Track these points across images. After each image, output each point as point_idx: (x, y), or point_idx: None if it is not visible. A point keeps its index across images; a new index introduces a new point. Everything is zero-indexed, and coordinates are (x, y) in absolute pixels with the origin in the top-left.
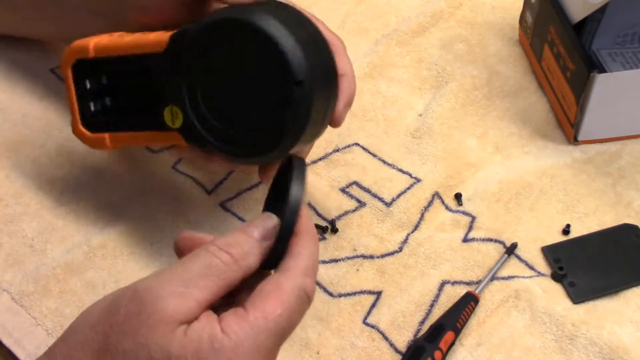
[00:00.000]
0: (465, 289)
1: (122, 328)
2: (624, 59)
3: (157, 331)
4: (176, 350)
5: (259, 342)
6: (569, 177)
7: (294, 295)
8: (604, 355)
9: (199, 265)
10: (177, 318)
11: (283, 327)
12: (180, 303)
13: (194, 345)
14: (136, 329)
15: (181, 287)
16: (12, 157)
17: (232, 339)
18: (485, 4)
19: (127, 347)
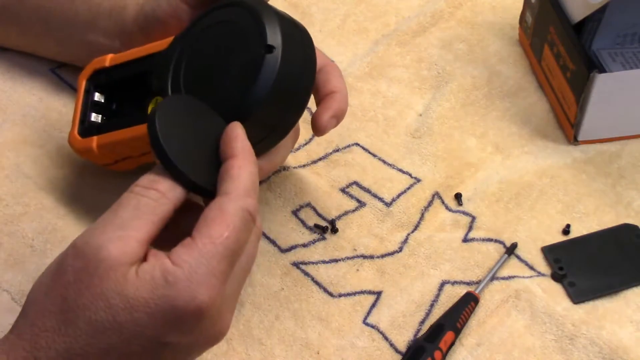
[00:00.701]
0: (465, 289)
1: (75, 286)
2: (624, 59)
3: (108, 279)
4: (132, 293)
5: (212, 267)
6: (569, 177)
7: (238, 217)
8: (604, 355)
9: (129, 208)
10: (123, 261)
11: (232, 248)
12: (121, 246)
13: (148, 284)
14: (88, 282)
15: (117, 231)
16: (12, 157)
17: (185, 269)
18: (485, 4)
19: (86, 301)
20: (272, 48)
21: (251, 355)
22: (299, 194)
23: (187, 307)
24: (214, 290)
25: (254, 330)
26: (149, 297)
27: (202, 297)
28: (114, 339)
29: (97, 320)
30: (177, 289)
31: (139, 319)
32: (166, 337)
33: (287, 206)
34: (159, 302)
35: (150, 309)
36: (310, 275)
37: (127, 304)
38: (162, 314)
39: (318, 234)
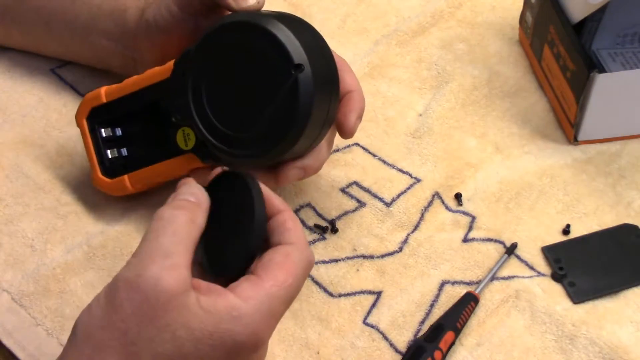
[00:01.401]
0: (465, 289)
1: (136, 319)
2: (624, 59)
3: (172, 310)
4: (197, 325)
5: (273, 308)
6: (569, 177)
7: (302, 266)
8: (604, 355)
9: (168, 234)
10: (181, 290)
11: (292, 295)
12: (176, 276)
13: (213, 318)
14: (152, 315)
15: (167, 260)
16: (12, 157)
17: (250, 305)
18: (485, 4)
19: (150, 333)
20: (301, 66)
21: None
22: (299, 194)
23: (248, 342)
24: (272, 330)
25: None
26: (213, 330)
27: (262, 335)
28: None
29: (163, 352)
30: (241, 325)
31: (202, 350)
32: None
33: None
34: (223, 335)
35: (214, 342)
36: (310, 275)
37: (192, 336)
38: (224, 347)
39: (318, 234)
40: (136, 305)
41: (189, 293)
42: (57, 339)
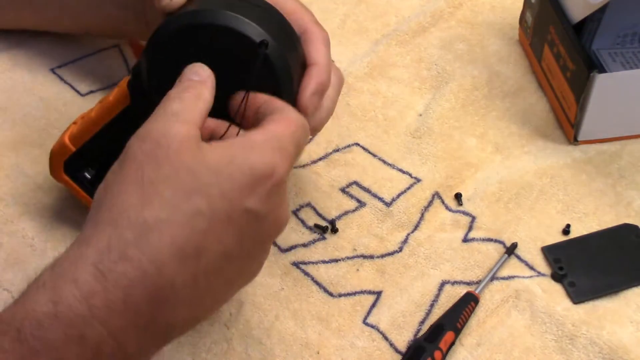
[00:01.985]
0: (465, 289)
1: (151, 163)
2: (624, 59)
3: (185, 151)
4: (212, 159)
5: (283, 144)
6: (569, 177)
7: (301, 124)
8: (604, 355)
9: (175, 104)
10: (193, 135)
11: (297, 142)
12: (186, 127)
13: (228, 151)
14: (165, 157)
15: (175, 117)
16: (12, 157)
17: (260, 139)
18: (485, 4)
19: (167, 172)
20: (265, 42)
21: (251, 355)
22: (299, 194)
23: (264, 169)
24: (286, 162)
25: (254, 330)
26: (229, 160)
27: (276, 161)
28: (200, 204)
29: (181, 186)
30: (254, 153)
31: (222, 182)
32: (247, 200)
33: None
34: (240, 163)
35: (231, 171)
36: (310, 275)
37: (209, 168)
38: (242, 176)
39: (318, 234)
40: (148, 152)
41: (198, 139)
42: None
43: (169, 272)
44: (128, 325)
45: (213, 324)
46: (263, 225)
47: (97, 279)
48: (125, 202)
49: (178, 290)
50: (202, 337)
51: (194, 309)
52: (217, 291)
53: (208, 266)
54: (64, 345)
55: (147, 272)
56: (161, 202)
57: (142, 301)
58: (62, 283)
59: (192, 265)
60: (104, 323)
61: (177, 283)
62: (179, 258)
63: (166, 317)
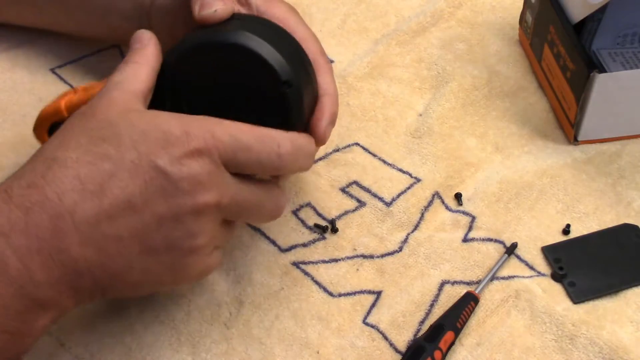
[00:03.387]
0: (465, 289)
1: (80, 119)
2: (624, 59)
3: (113, 108)
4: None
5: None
6: (569, 177)
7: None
8: (604, 355)
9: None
10: (126, 98)
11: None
12: (122, 92)
13: (153, 113)
14: (93, 113)
15: (114, 86)
16: (12, 157)
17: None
18: (485, 4)
19: (91, 124)
20: (289, 82)
21: (251, 355)
22: (299, 194)
23: (178, 131)
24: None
25: (254, 329)
26: (149, 119)
27: (194, 131)
28: (109, 149)
29: (98, 135)
30: (178, 120)
31: (135, 134)
32: (157, 157)
33: (287, 206)
34: (158, 123)
35: (147, 128)
36: (310, 275)
37: (127, 122)
38: (157, 133)
39: (318, 234)
40: (82, 112)
41: (134, 102)
42: (56, 337)
43: (68, 202)
44: (31, 247)
45: (213, 323)
46: (172, 188)
47: (3, 200)
48: (46, 145)
49: (78, 223)
50: (202, 337)
51: (102, 255)
52: (128, 246)
53: (110, 208)
54: None
55: (47, 198)
56: (76, 145)
57: (42, 226)
58: None
59: (93, 201)
60: (6, 239)
61: (76, 216)
62: (79, 191)
63: (70, 251)
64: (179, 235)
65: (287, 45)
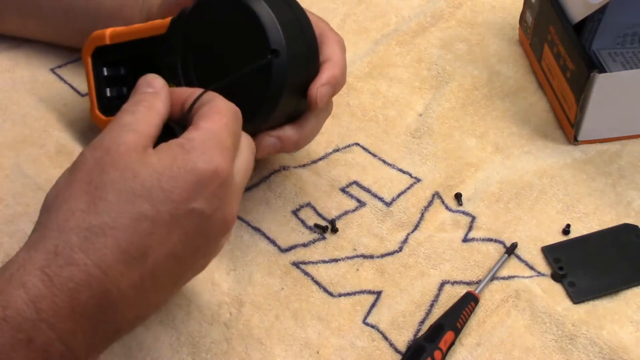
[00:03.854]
0: (465, 289)
1: (98, 168)
2: (624, 59)
3: (131, 155)
4: (155, 162)
5: (221, 139)
6: (569, 177)
7: (231, 111)
8: (604, 355)
9: (127, 115)
10: (141, 144)
11: (233, 131)
12: (136, 135)
13: (169, 154)
14: (112, 161)
15: (126, 127)
16: (12, 157)
17: (198, 139)
18: (485, 4)
19: (112, 176)
20: (277, 52)
21: (251, 355)
22: (299, 194)
23: (206, 169)
24: (226, 157)
25: (254, 330)
26: (171, 163)
27: (218, 160)
28: (144, 206)
29: (126, 190)
30: (195, 154)
31: (165, 183)
32: (191, 201)
33: (287, 206)
34: (181, 165)
35: (174, 173)
36: (310, 275)
37: (152, 171)
38: (185, 177)
39: (318, 234)
40: (97, 159)
41: (146, 146)
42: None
43: (114, 275)
44: (76, 328)
45: (213, 323)
46: (209, 224)
47: (44, 283)
48: (72, 206)
49: (124, 292)
50: (202, 337)
51: (141, 309)
52: (163, 289)
53: (155, 267)
54: (12, 349)
55: (92, 276)
56: (106, 206)
57: (89, 304)
58: (10, 288)
59: (137, 267)
60: (51, 326)
61: (122, 285)
62: (124, 261)
63: (113, 319)
64: (213, 251)
65: (290, 15)
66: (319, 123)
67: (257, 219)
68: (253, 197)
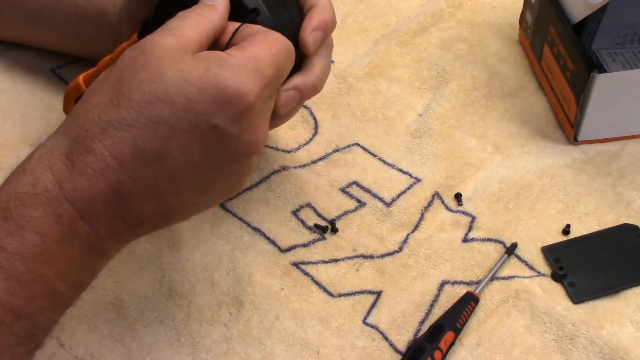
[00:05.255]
0: (465, 289)
1: (131, 67)
2: (624, 59)
3: (165, 57)
4: (186, 68)
5: (260, 67)
6: (569, 177)
7: (282, 42)
8: (604, 355)
9: (177, 19)
10: (179, 46)
11: (277, 65)
12: (177, 38)
13: (203, 64)
14: (145, 61)
15: (170, 31)
16: (12, 157)
17: (237, 58)
18: (485, 4)
19: (141, 76)
20: (257, 9)
21: (251, 355)
22: (299, 194)
23: (236, 90)
24: (259, 85)
25: (254, 330)
26: (202, 73)
27: (249, 85)
28: (165, 111)
29: (150, 91)
30: (229, 71)
31: (190, 92)
32: (214, 117)
33: (287, 206)
34: (211, 78)
35: (202, 84)
36: (310, 275)
37: (180, 77)
38: (212, 90)
39: (318, 234)
40: (132, 58)
41: (185, 51)
42: (56, 338)
43: (129, 169)
44: (96, 211)
45: (213, 323)
46: (235, 143)
47: (67, 167)
48: (98, 99)
49: (140, 187)
50: (202, 337)
51: (162, 207)
52: (186, 195)
53: (171, 171)
54: (44, 221)
55: (109, 165)
56: (128, 103)
57: (107, 191)
58: (39, 168)
59: (153, 167)
60: (74, 206)
61: (138, 180)
62: (139, 158)
63: (132, 210)
64: (243, 170)
65: None
66: (324, 60)
67: (257, 219)
68: (253, 197)
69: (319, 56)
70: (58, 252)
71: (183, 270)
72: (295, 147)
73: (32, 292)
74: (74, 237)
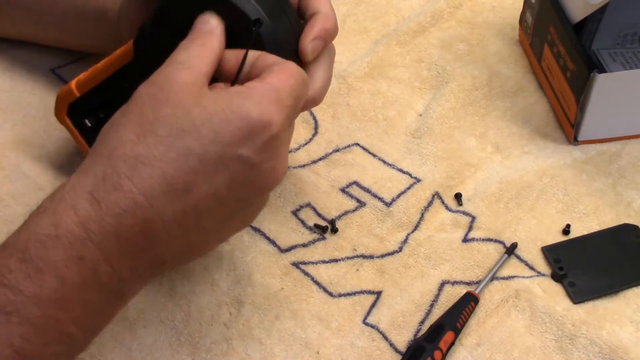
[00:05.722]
0: (465, 289)
1: (152, 104)
2: (624, 59)
3: (185, 93)
4: (209, 102)
5: (281, 97)
6: (569, 177)
7: (299, 72)
8: (604, 355)
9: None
10: (196, 81)
11: (296, 95)
12: (191, 72)
13: (225, 96)
14: (165, 97)
15: (183, 64)
16: (12, 157)
17: (258, 89)
18: (485, 4)
19: (164, 112)
20: (260, 20)
21: (251, 355)
22: (299, 194)
23: (260, 120)
24: (282, 115)
25: (254, 330)
26: (225, 106)
27: (273, 114)
28: (192, 143)
29: (176, 126)
30: (251, 102)
31: (216, 124)
32: (240, 147)
33: (287, 206)
34: (235, 110)
35: (227, 116)
36: (310, 275)
37: (204, 110)
38: (237, 121)
39: (318, 234)
40: (151, 95)
41: (201, 85)
42: None
43: (158, 205)
44: (121, 252)
45: (213, 324)
46: (257, 174)
47: (92, 206)
48: (123, 137)
49: (167, 223)
50: (202, 337)
51: (185, 245)
52: (208, 230)
53: (198, 204)
54: (65, 264)
55: (137, 203)
56: (155, 139)
57: (133, 231)
58: (61, 208)
59: (181, 201)
60: (99, 247)
61: (166, 217)
62: (168, 193)
63: (157, 249)
64: (259, 202)
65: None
66: (325, 72)
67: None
68: None
69: (320, 68)
70: (76, 297)
71: (183, 270)
72: (295, 147)
73: (46, 338)
74: (94, 280)
